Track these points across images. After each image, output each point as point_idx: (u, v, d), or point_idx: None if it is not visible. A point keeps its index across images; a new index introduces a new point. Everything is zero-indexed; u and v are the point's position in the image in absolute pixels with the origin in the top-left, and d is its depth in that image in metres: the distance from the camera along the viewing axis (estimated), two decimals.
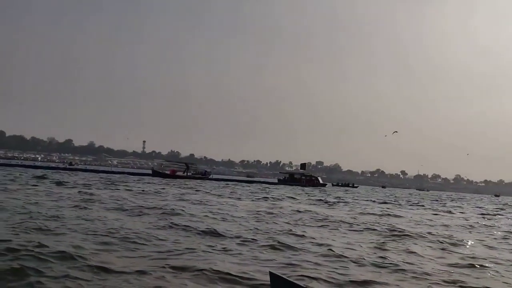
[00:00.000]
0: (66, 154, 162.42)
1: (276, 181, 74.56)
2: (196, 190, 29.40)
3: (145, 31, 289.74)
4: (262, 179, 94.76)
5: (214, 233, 9.81)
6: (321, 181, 73.85)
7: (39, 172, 38.99)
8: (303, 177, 71.43)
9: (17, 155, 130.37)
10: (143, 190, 24.15)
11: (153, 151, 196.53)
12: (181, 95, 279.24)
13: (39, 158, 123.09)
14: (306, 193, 38.78)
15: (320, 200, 28.36)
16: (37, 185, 22.30)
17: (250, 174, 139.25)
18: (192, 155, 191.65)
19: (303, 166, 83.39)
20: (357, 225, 13.88)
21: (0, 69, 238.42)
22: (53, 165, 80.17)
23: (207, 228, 10.34)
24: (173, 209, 14.22)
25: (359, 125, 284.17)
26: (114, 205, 14.66)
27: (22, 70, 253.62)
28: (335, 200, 29.12)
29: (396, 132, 79.31)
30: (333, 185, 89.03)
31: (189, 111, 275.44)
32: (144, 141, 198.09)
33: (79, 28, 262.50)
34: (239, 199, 24.00)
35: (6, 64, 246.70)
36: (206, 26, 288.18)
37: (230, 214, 14.49)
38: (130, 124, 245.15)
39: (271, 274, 3.69)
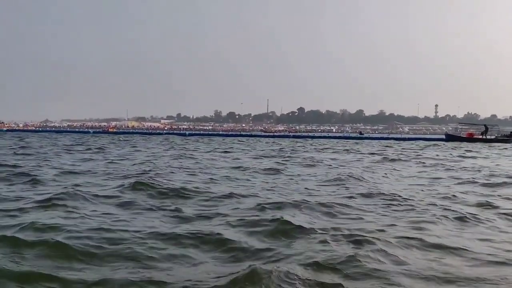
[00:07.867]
0: (358, 124, 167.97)
1: None
2: None
3: None
4: None
5: None
6: None
7: None
8: None
9: (314, 128, 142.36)
10: None
11: (447, 115, 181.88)
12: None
13: (334, 129, 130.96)
14: None
15: None
16: None
17: None
18: (494, 116, 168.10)
19: None
20: None
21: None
22: (346, 134, 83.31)
23: None
24: None
25: None
26: None
27: None
28: None
29: None
30: None
31: (477, 71, 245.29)
32: (436, 105, 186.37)
33: None
34: None
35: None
36: None
37: None
38: (420, 89, 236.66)
39: None
